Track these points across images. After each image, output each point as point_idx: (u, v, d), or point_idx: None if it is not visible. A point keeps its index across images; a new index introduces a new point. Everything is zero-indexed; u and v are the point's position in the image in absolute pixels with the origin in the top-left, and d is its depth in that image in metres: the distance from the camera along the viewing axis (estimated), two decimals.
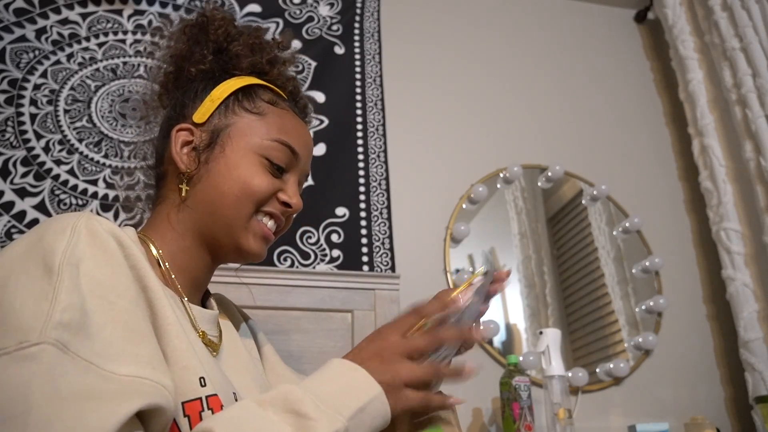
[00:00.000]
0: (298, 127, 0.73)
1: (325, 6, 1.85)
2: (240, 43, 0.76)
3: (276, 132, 0.69)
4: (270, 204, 0.68)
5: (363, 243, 1.58)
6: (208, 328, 0.65)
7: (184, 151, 0.68)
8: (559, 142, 1.89)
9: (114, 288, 0.48)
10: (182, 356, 0.52)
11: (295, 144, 0.70)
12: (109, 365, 0.43)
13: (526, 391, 1.34)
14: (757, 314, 1.59)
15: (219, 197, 0.65)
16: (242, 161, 0.66)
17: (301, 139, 0.72)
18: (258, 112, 0.70)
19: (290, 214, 0.71)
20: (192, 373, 0.51)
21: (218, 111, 0.70)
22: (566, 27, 2.12)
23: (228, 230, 0.66)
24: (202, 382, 0.52)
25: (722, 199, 1.71)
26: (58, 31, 1.61)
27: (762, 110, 1.66)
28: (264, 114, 0.70)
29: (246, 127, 0.69)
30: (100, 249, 0.49)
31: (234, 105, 0.70)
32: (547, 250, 1.74)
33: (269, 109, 0.71)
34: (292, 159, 0.70)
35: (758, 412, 1.46)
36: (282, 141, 0.69)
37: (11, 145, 1.45)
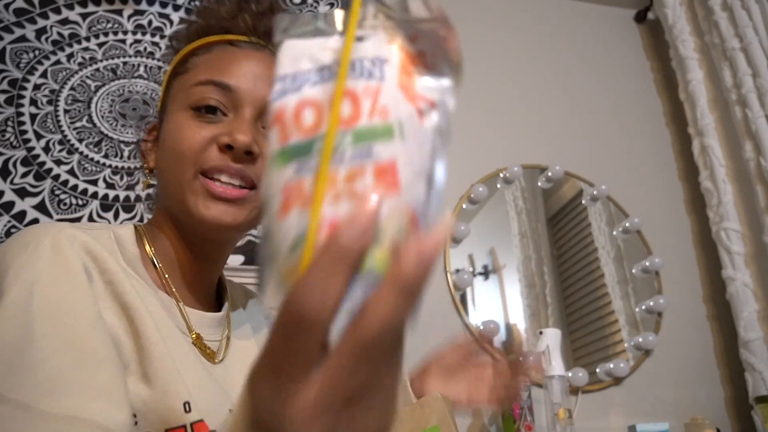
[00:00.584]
0: (230, 57, 0.62)
1: (325, 5, 1.85)
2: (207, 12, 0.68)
3: (199, 75, 0.60)
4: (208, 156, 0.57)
5: None
6: (209, 332, 0.61)
7: (147, 147, 0.66)
8: (559, 142, 1.89)
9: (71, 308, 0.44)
10: (164, 379, 0.48)
11: (223, 76, 0.59)
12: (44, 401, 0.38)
13: (526, 391, 1.33)
14: (757, 314, 1.59)
15: (164, 173, 0.61)
16: (171, 126, 0.60)
17: (232, 68, 0.60)
18: (185, 69, 0.63)
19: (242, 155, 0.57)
20: (175, 399, 0.48)
21: (164, 96, 0.66)
22: (566, 27, 2.12)
23: (178, 201, 0.58)
24: (187, 408, 0.48)
25: (722, 199, 1.71)
26: (58, 31, 1.61)
27: (762, 110, 1.66)
28: (192, 68, 0.62)
29: (174, 90, 0.63)
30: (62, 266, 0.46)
31: (170, 79, 0.65)
32: (547, 250, 1.74)
33: (197, 59, 0.63)
34: (226, 94, 0.59)
35: (758, 412, 1.46)
36: (203, 81, 0.59)
37: (11, 145, 1.45)
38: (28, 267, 0.44)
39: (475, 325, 1.58)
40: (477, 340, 0.64)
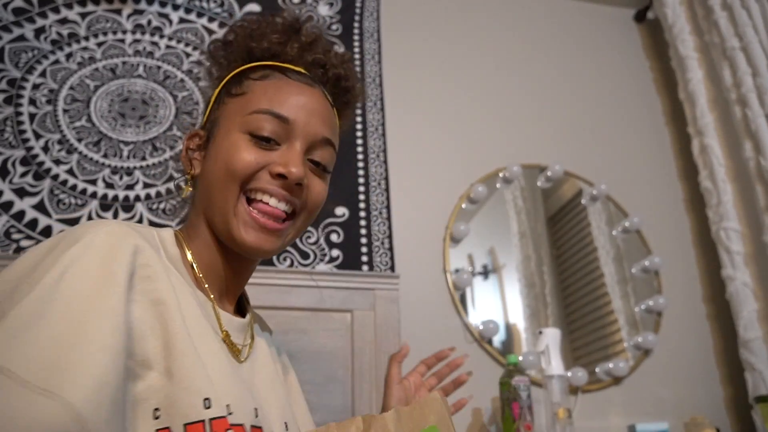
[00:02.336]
0: (291, 90, 0.66)
1: (325, 5, 1.84)
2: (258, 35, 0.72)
3: (257, 103, 0.64)
4: (257, 179, 0.62)
5: (362, 243, 1.58)
6: (235, 335, 0.63)
7: (190, 155, 0.68)
8: (558, 142, 1.89)
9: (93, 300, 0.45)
10: (187, 375, 0.49)
11: (283, 109, 0.63)
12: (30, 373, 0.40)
13: (526, 390, 1.33)
14: (756, 313, 1.59)
15: (210, 186, 0.64)
16: (226, 144, 0.63)
17: (291, 102, 0.64)
18: (242, 92, 0.66)
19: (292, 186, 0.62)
20: (195, 395, 0.49)
21: (213, 107, 0.69)
22: (566, 26, 2.12)
23: (222, 221, 0.62)
24: (207, 404, 0.49)
25: (722, 199, 1.71)
26: (57, 30, 1.61)
27: (762, 109, 1.66)
28: (249, 91, 0.66)
29: (230, 111, 0.66)
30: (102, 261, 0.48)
31: (223, 95, 0.69)
32: (547, 249, 1.74)
33: (255, 85, 0.66)
34: (282, 126, 0.63)
35: (758, 411, 1.46)
36: (263, 110, 0.63)
37: (10, 145, 1.45)
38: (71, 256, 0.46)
39: (475, 325, 1.58)
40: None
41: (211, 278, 0.64)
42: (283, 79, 0.67)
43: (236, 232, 0.61)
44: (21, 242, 1.35)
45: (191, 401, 0.49)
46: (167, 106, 1.61)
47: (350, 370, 1.35)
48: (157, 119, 1.58)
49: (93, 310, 0.45)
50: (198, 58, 1.69)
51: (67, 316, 0.43)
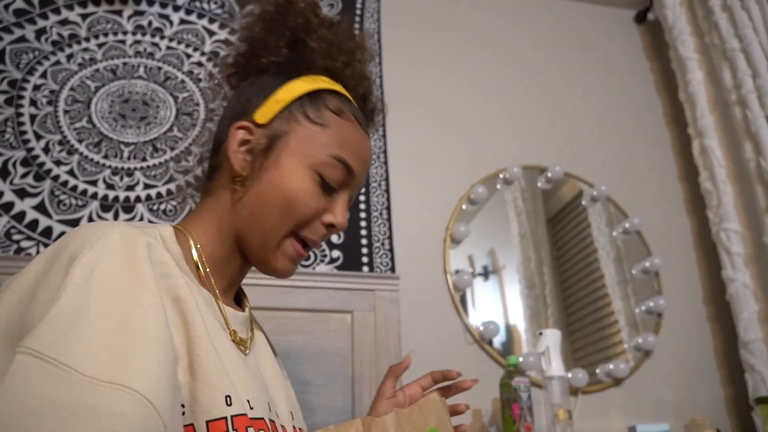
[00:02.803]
0: (360, 140, 0.68)
1: (326, 6, 1.85)
2: (318, 36, 0.71)
3: (335, 147, 0.65)
4: (312, 227, 0.65)
5: (363, 244, 1.58)
6: (240, 330, 0.64)
7: (240, 151, 0.65)
8: (558, 143, 1.89)
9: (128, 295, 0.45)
10: (208, 372, 0.50)
11: (352, 161, 0.66)
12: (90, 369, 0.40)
13: (526, 392, 1.33)
14: (757, 315, 1.59)
15: (263, 208, 0.63)
16: (294, 175, 0.63)
17: (359, 155, 0.67)
18: (321, 122, 0.66)
19: (330, 234, 0.67)
20: (216, 391, 0.49)
21: (281, 114, 0.66)
22: (566, 28, 2.12)
23: (261, 244, 0.63)
24: (228, 401, 0.50)
25: (722, 200, 1.71)
26: (57, 31, 1.61)
27: (762, 111, 1.66)
28: (326, 125, 0.66)
29: (306, 137, 0.65)
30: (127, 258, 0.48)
31: (297, 111, 0.66)
32: (547, 250, 1.74)
33: (333, 119, 0.66)
34: (347, 177, 0.66)
35: (758, 412, 1.46)
36: (339, 158, 0.64)
37: (11, 146, 1.45)
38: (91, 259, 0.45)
39: (475, 326, 1.58)
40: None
41: (217, 274, 0.64)
42: (353, 123, 0.69)
43: (272, 259, 0.64)
44: (21, 243, 1.36)
45: (214, 397, 0.49)
46: (168, 107, 1.61)
47: (350, 371, 1.35)
48: (158, 120, 1.59)
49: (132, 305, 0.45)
50: (200, 58, 1.69)
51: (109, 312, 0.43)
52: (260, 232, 0.63)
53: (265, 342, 0.72)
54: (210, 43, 1.72)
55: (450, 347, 1.55)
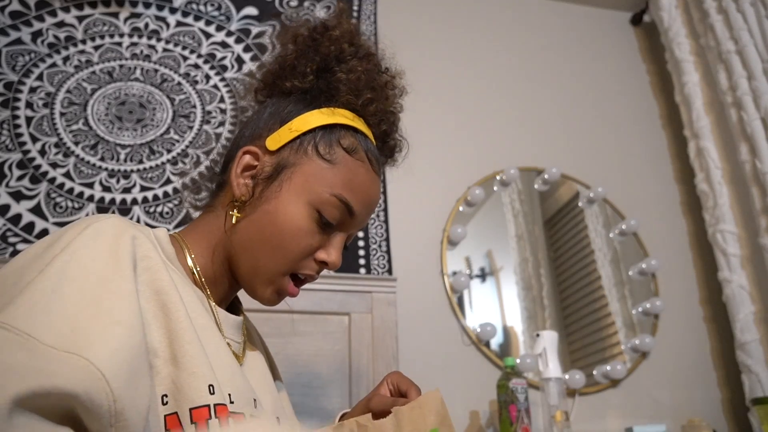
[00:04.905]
0: (368, 183, 0.66)
1: (322, 9, 1.85)
2: (348, 67, 0.70)
3: (340, 186, 0.63)
4: (306, 265, 0.64)
5: (360, 246, 1.58)
6: (232, 333, 0.64)
7: (244, 176, 0.64)
8: (555, 145, 1.90)
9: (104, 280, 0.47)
10: (192, 362, 0.50)
11: (355, 203, 0.64)
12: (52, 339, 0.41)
13: (524, 393, 1.34)
14: (753, 316, 1.59)
15: (258, 239, 0.62)
16: (292, 209, 0.62)
17: (364, 198, 0.66)
18: (329, 159, 0.64)
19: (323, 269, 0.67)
20: (201, 380, 0.50)
21: (292, 144, 0.65)
22: (562, 30, 2.12)
23: (251, 274, 0.63)
24: (211, 390, 0.51)
25: (718, 201, 1.72)
26: (54, 33, 1.61)
27: (757, 112, 1.67)
28: (335, 163, 0.64)
29: (311, 173, 0.63)
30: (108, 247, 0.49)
31: (308, 144, 0.64)
32: (544, 252, 1.75)
33: (343, 158, 0.65)
34: (347, 217, 0.64)
35: (755, 413, 1.46)
36: (342, 198, 0.63)
37: (7, 148, 1.45)
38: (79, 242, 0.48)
39: (472, 328, 1.58)
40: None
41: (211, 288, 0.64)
42: (365, 165, 0.67)
43: (260, 291, 0.64)
44: (17, 246, 1.35)
45: (197, 386, 0.50)
46: (164, 110, 1.61)
47: (347, 373, 1.35)
48: (155, 122, 1.58)
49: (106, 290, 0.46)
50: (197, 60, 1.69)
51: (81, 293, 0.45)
52: (251, 262, 0.63)
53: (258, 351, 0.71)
54: (206, 45, 1.72)
55: (447, 349, 1.55)
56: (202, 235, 0.65)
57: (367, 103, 0.70)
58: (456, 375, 1.52)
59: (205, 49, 1.71)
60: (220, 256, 0.64)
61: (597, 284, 1.73)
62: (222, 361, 0.56)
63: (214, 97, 1.65)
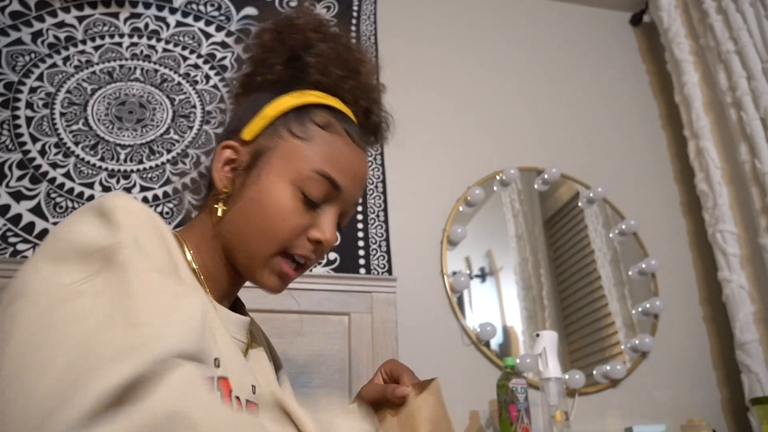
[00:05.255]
0: (348, 155, 0.66)
1: (322, 9, 1.85)
2: (316, 51, 0.69)
3: (319, 161, 0.63)
4: (299, 244, 0.63)
5: (360, 246, 1.58)
6: (235, 331, 0.64)
7: (225, 170, 0.65)
8: (555, 145, 1.90)
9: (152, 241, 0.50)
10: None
11: (338, 176, 0.64)
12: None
13: (523, 393, 1.34)
14: (752, 316, 1.59)
15: (245, 227, 0.63)
16: (274, 192, 0.62)
17: (347, 170, 0.65)
18: (304, 137, 0.64)
19: (321, 250, 0.65)
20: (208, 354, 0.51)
21: (266, 131, 0.65)
22: (562, 30, 2.12)
23: (248, 260, 0.63)
24: (216, 363, 0.52)
25: (718, 201, 1.72)
26: (54, 34, 1.61)
27: (757, 113, 1.67)
28: (310, 139, 0.64)
29: (287, 153, 0.63)
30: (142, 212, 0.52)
31: (281, 127, 0.65)
32: (544, 252, 1.75)
33: (318, 133, 0.65)
34: (332, 192, 0.64)
35: (754, 413, 1.46)
36: (322, 173, 0.63)
37: (7, 148, 1.45)
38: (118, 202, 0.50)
39: (472, 328, 1.58)
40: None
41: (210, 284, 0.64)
42: (343, 137, 0.66)
43: (259, 275, 0.63)
44: (18, 246, 1.35)
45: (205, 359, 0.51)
46: (164, 110, 1.61)
47: (347, 373, 1.35)
48: (154, 122, 1.58)
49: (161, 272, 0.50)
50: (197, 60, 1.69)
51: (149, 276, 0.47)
52: (245, 250, 0.63)
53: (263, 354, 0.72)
54: (206, 45, 1.72)
55: (447, 349, 1.55)
56: (195, 233, 0.66)
57: (340, 81, 0.70)
58: (456, 375, 1.52)
59: (205, 50, 1.71)
60: (215, 251, 0.65)
61: (597, 284, 1.73)
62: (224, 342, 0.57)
63: (214, 97, 1.66)
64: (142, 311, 0.41)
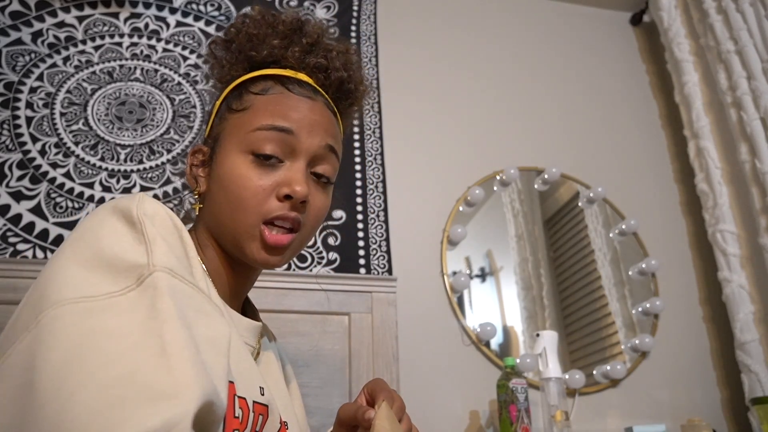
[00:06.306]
0: (292, 102, 0.64)
1: (322, 9, 1.85)
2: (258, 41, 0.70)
3: (258, 120, 0.62)
4: (272, 207, 0.61)
5: (360, 246, 1.58)
6: (246, 336, 0.64)
7: (196, 171, 0.67)
8: (555, 145, 1.90)
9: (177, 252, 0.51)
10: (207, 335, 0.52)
11: (284, 122, 0.62)
12: None
13: (523, 393, 1.34)
14: (752, 316, 1.59)
15: (219, 210, 0.63)
16: (229, 166, 0.62)
17: (293, 115, 0.63)
18: (242, 108, 0.65)
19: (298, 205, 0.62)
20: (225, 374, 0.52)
21: (215, 121, 0.68)
22: (562, 30, 2.13)
23: (234, 241, 0.63)
24: None
25: (718, 201, 1.72)
26: (54, 34, 1.61)
27: (757, 112, 1.67)
28: (250, 107, 0.64)
29: (231, 127, 0.64)
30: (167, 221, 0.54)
31: (224, 110, 0.67)
32: (544, 252, 1.75)
33: (256, 99, 0.65)
34: (285, 140, 0.62)
35: (754, 413, 1.46)
36: (264, 126, 0.62)
37: (7, 149, 1.45)
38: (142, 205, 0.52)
39: (472, 328, 1.58)
40: None
41: (219, 282, 0.65)
42: (284, 93, 0.65)
43: (248, 250, 0.62)
44: (18, 246, 1.35)
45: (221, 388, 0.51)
46: (164, 110, 1.61)
47: (347, 373, 1.35)
48: (155, 122, 1.58)
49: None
50: (196, 60, 1.69)
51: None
52: (227, 232, 0.63)
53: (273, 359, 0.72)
54: (207, 45, 1.72)
55: (447, 349, 1.55)
56: (199, 235, 0.67)
57: (279, 48, 0.69)
58: (456, 375, 1.52)
59: (205, 50, 1.71)
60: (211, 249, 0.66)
61: (597, 284, 1.73)
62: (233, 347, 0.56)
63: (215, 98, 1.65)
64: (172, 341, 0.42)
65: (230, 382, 0.52)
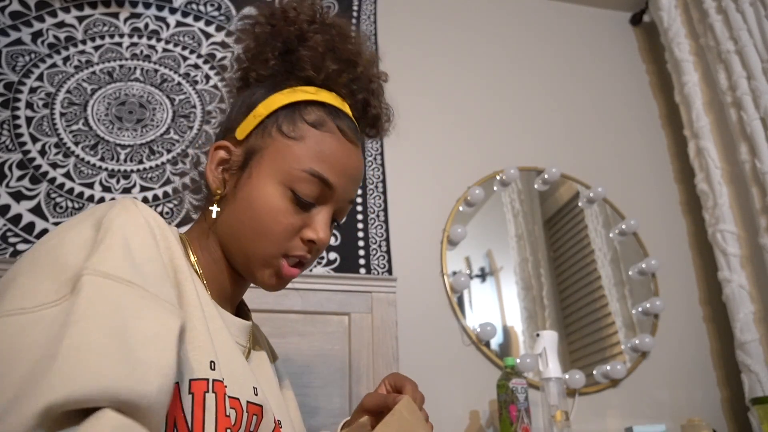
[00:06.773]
0: (341, 152, 0.64)
1: None
2: (310, 44, 0.68)
3: (309, 160, 0.62)
4: (294, 245, 0.63)
5: (360, 246, 1.58)
6: (237, 335, 0.64)
7: (218, 171, 0.65)
8: (555, 145, 1.90)
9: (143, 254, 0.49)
10: (197, 337, 0.52)
11: (330, 174, 0.63)
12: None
13: (524, 393, 1.34)
14: (753, 315, 1.59)
15: (239, 228, 0.62)
16: (264, 192, 0.61)
17: (340, 168, 0.64)
18: (295, 136, 0.63)
19: (316, 249, 0.65)
20: (204, 355, 0.52)
21: (257, 130, 0.65)
22: (562, 30, 2.12)
23: (245, 261, 0.63)
24: (212, 366, 0.52)
25: (718, 201, 1.72)
26: (54, 34, 1.61)
27: (757, 112, 1.67)
28: (301, 138, 0.63)
29: (278, 152, 0.63)
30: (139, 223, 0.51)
31: (272, 126, 0.64)
32: (544, 252, 1.75)
33: (309, 132, 0.63)
34: (325, 191, 0.63)
35: (754, 413, 1.46)
36: (314, 172, 0.62)
37: (7, 149, 1.45)
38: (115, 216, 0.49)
39: (472, 328, 1.58)
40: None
41: (213, 285, 0.64)
42: (336, 135, 0.65)
43: (259, 275, 0.63)
44: (18, 246, 1.35)
45: (200, 359, 0.51)
46: (164, 110, 1.61)
47: (347, 373, 1.35)
48: (155, 123, 1.58)
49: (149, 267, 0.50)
50: (196, 60, 1.69)
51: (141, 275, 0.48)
52: (241, 250, 0.63)
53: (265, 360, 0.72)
54: (206, 45, 1.72)
55: (447, 349, 1.55)
56: (195, 234, 0.66)
57: (335, 75, 0.69)
58: (456, 375, 1.52)
59: (205, 50, 1.71)
60: (214, 252, 0.65)
61: (597, 284, 1.73)
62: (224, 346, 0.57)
63: (214, 97, 1.66)
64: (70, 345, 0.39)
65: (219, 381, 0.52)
